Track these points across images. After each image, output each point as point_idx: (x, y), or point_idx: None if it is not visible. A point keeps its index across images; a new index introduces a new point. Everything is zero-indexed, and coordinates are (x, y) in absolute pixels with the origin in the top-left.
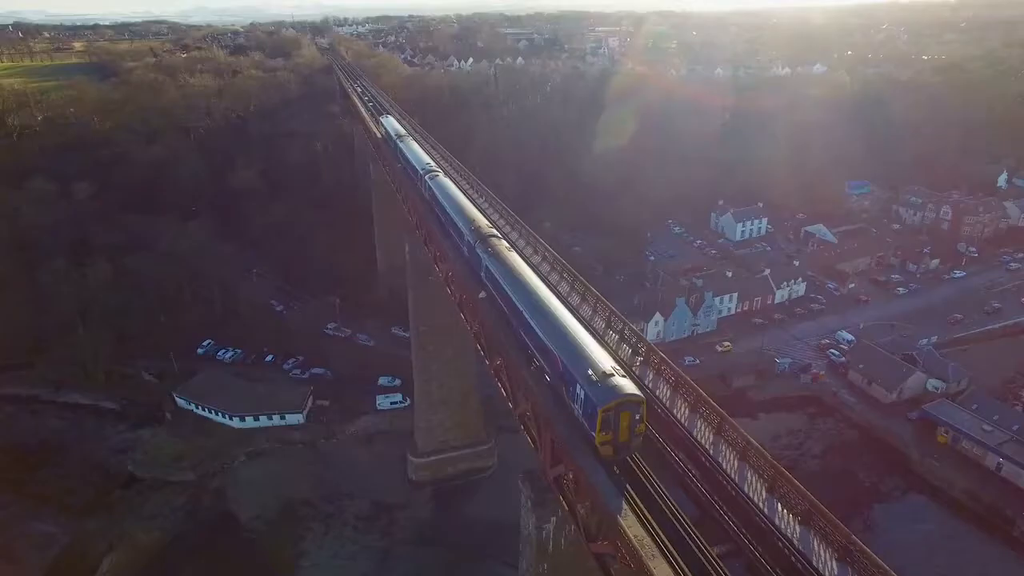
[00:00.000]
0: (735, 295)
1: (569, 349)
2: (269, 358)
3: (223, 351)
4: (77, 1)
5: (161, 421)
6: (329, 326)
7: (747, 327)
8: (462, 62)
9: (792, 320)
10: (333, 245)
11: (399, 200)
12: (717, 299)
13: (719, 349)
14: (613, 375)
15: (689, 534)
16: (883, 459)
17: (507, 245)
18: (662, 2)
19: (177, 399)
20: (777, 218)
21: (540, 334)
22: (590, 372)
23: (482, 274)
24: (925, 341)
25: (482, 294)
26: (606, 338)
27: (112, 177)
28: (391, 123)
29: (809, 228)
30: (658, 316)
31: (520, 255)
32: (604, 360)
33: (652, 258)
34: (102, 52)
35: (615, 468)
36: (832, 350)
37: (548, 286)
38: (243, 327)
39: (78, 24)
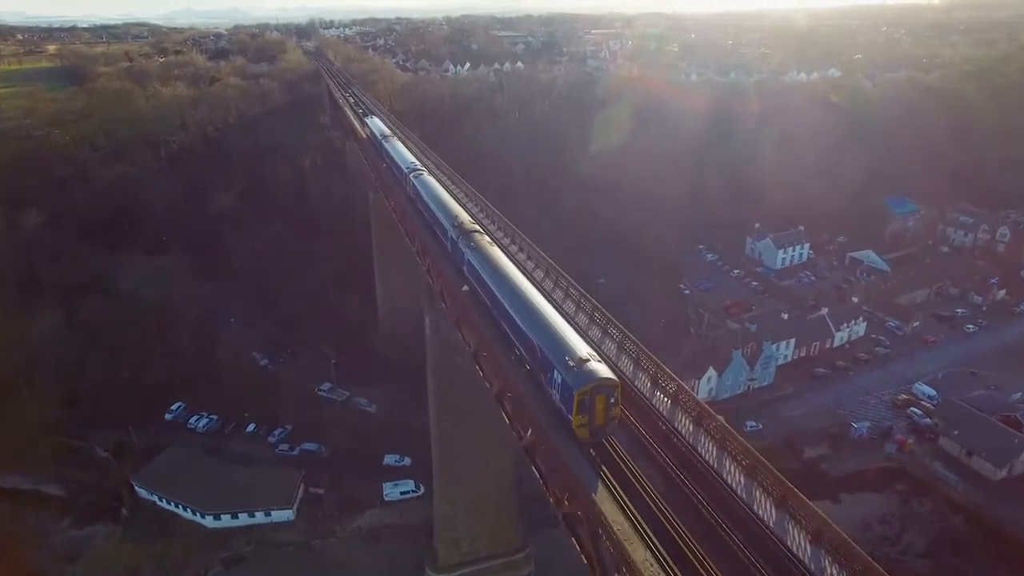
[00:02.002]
0: (792, 341)
1: (547, 337)
2: (251, 427)
3: (196, 417)
4: (58, 3)
5: (116, 518)
6: (323, 387)
7: (808, 378)
8: (458, 67)
9: (857, 368)
10: (325, 282)
11: (415, 252)
12: (773, 346)
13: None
14: (589, 360)
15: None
16: (1006, 556)
17: (489, 240)
18: (648, 4)
19: (137, 488)
20: (816, 242)
21: (520, 323)
22: (567, 358)
23: (464, 268)
24: (1020, 395)
25: (465, 288)
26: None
27: (68, 201)
28: (376, 124)
29: (855, 254)
30: (711, 371)
31: (502, 249)
32: (580, 346)
33: (687, 291)
34: (73, 56)
35: (591, 450)
36: (913, 408)
37: (528, 278)
38: (220, 386)
39: (55, 26)
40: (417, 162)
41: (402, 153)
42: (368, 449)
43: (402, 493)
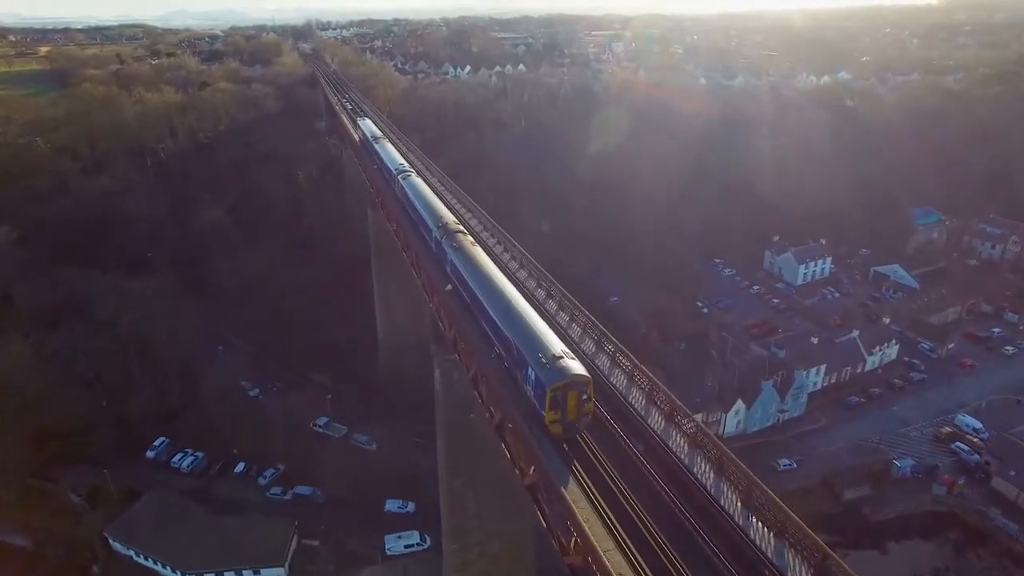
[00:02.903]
0: (823, 367)
1: (524, 335)
2: (240, 467)
3: (180, 455)
4: (55, 4)
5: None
6: (319, 421)
7: (840, 407)
8: (459, 69)
9: (892, 395)
10: (320, 305)
11: (422, 287)
12: (803, 374)
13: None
14: (563, 357)
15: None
16: None
17: (472, 240)
18: (644, 5)
19: (112, 542)
20: (837, 255)
21: (498, 322)
22: (540, 355)
23: (448, 268)
24: None
25: (448, 287)
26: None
27: (44, 217)
28: (368, 126)
29: (880, 269)
30: (739, 404)
31: (485, 249)
32: (555, 344)
33: (705, 310)
34: (63, 58)
35: (564, 446)
36: (958, 443)
37: (509, 277)
38: (207, 419)
39: (48, 27)
40: (406, 163)
41: (391, 155)
42: (368, 493)
43: (406, 546)
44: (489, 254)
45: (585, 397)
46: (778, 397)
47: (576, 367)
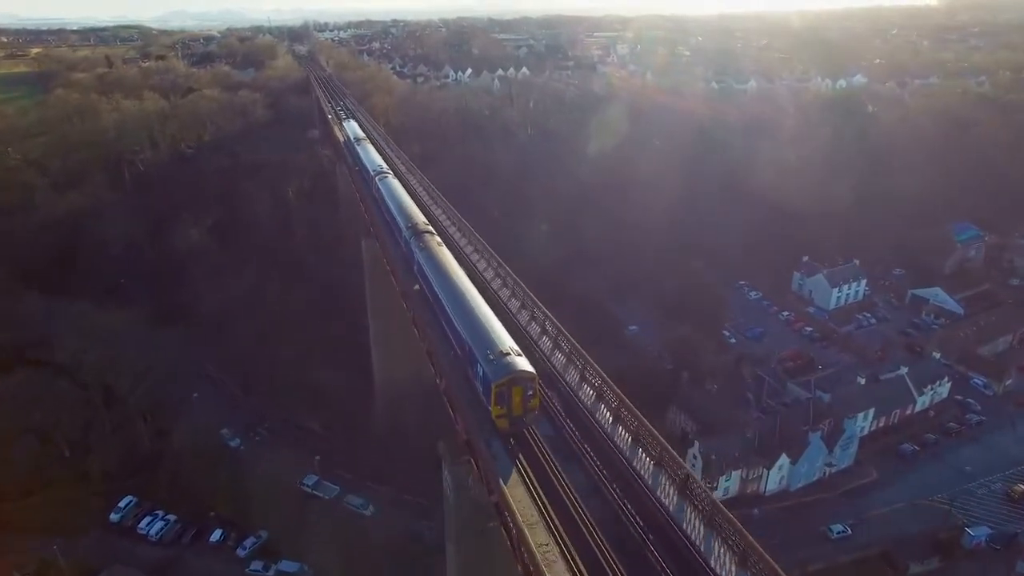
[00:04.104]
0: (871, 411)
1: (475, 332)
2: (216, 535)
3: (149, 519)
4: (54, 5)
5: None
6: (307, 480)
7: (892, 457)
8: (459, 73)
9: (948, 442)
10: (311, 342)
11: (426, 354)
12: (851, 421)
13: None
14: (510, 354)
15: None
16: None
17: (439, 240)
18: (642, 6)
19: None
20: (870, 276)
21: (454, 320)
22: (488, 352)
23: (415, 268)
24: None
25: (416, 286)
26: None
27: (5, 239)
28: (353, 127)
29: (919, 292)
30: (783, 459)
31: (452, 250)
32: (504, 341)
33: (733, 340)
34: (49, 61)
35: (510, 439)
36: None
37: (472, 277)
38: (181, 474)
39: (44, 28)
40: (384, 165)
41: (372, 156)
42: (363, 570)
43: None
44: (458, 255)
45: (531, 393)
46: (826, 449)
47: (522, 363)
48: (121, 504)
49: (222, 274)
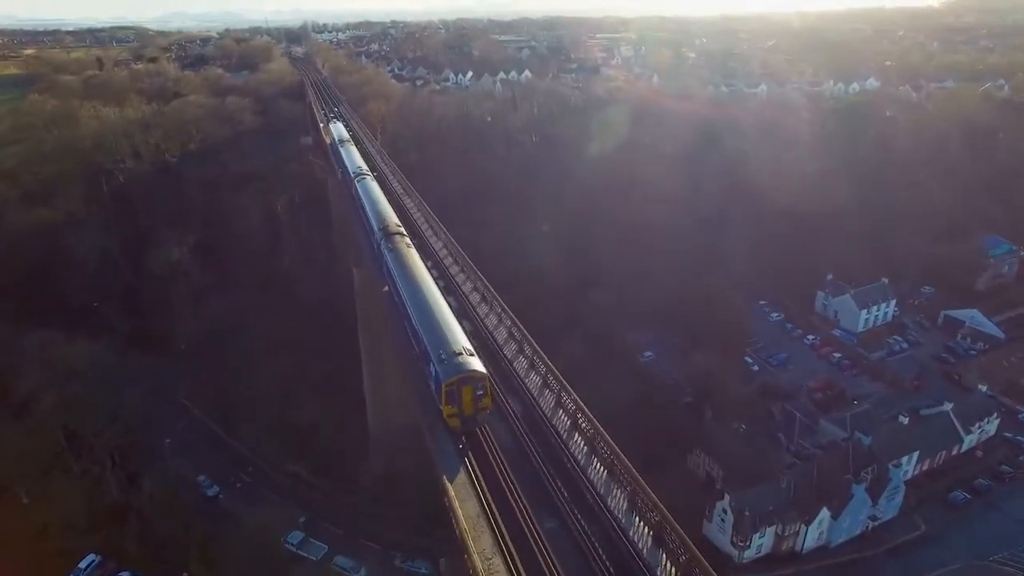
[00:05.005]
0: (915, 454)
1: (432, 332)
2: None
3: None
4: (54, 6)
5: None
6: (292, 537)
7: (941, 506)
8: (460, 76)
9: (1002, 488)
10: (298, 378)
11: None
12: (897, 468)
13: None
14: (462, 354)
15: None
16: None
17: (408, 242)
18: (641, 6)
19: None
20: (899, 295)
21: (414, 320)
22: (441, 352)
23: (384, 270)
24: None
25: (386, 288)
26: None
27: None
28: (339, 129)
29: (953, 313)
30: (824, 513)
31: (420, 252)
32: (458, 341)
33: (756, 367)
34: (39, 62)
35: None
36: None
37: (434, 278)
38: (152, 528)
39: (41, 29)
40: (364, 166)
41: (353, 158)
42: None
43: None
44: (430, 256)
45: (481, 392)
46: (870, 501)
47: (473, 363)
48: (82, 565)
49: (205, 297)
